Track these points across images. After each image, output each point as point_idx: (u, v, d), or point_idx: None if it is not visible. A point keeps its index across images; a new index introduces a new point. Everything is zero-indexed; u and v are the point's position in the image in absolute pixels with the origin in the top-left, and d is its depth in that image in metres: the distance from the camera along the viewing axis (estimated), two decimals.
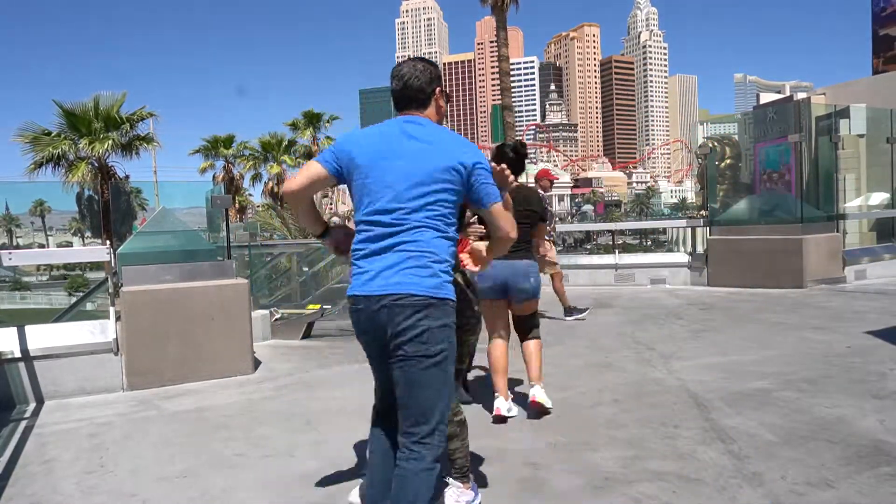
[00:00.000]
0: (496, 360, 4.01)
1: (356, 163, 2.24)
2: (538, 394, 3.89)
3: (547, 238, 7.31)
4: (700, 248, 11.78)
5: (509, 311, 4.08)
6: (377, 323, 2.14)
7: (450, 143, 2.26)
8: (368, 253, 2.19)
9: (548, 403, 3.88)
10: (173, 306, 5.12)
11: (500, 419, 3.84)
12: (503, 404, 3.88)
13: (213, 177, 32.70)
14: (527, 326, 4.09)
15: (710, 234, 10.28)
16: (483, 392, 4.49)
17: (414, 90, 2.31)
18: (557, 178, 8.17)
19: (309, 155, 33.53)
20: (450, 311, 2.19)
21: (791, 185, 11.66)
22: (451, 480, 2.76)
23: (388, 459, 2.30)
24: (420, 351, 2.11)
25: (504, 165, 2.40)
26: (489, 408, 4.01)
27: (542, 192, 7.50)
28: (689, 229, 14.23)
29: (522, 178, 3.86)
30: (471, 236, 3.11)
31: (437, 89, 2.36)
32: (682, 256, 10.99)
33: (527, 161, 3.93)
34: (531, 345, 4.06)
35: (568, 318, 7.29)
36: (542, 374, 3.98)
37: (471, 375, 4.98)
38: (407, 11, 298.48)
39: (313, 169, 2.30)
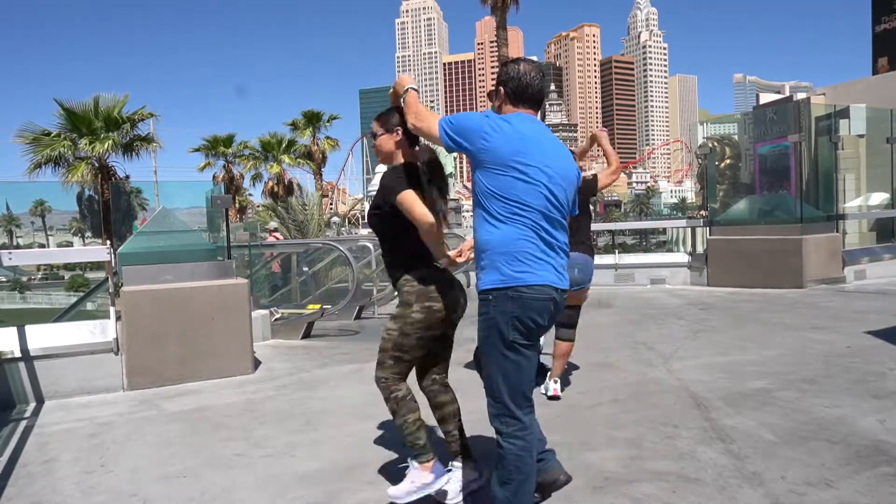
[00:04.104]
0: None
1: None
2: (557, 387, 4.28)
3: None
4: (700, 249, 11.77)
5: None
6: None
7: None
8: None
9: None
10: (173, 306, 5.13)
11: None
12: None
13: (214, 176, 32.68)
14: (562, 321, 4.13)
15: (710, 234, 10.27)
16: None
17: None
18: None
19: (309, 155, 33.54)
20: None
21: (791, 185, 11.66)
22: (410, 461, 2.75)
23: None
24: None
25: None
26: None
27: None
28: (689, 229, 14.21)
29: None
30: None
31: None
32: (681, 256, 10.99)
33: None
34: (563, 346, 4.28)
35: None
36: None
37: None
38: (407, 11, 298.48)
39: None
